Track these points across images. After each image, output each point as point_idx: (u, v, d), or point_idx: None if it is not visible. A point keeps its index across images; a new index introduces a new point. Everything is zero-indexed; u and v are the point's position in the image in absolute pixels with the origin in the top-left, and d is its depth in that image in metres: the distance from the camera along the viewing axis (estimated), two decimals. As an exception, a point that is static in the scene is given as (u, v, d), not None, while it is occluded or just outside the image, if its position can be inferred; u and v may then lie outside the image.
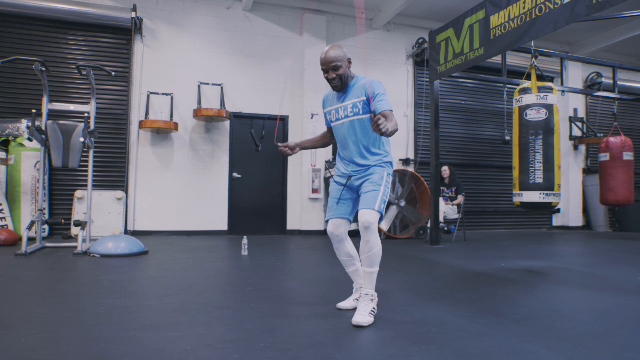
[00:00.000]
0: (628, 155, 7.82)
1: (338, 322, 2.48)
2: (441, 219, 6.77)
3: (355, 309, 2.63)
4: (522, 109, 4.97)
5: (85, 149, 5.55)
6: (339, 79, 2.64)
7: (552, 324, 2.47)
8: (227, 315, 2.62)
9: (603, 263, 5.04)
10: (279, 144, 2.83)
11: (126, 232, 7.10)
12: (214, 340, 2.14)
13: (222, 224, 7.76)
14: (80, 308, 2.69)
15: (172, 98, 7.50)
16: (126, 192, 7.23)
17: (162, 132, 7.42)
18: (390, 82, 8.70)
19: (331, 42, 8.36)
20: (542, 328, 2.37)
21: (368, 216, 2.49)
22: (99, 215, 6.89)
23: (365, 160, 2.66)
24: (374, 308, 2.53)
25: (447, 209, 7.13)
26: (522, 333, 2.28)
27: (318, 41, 8.23)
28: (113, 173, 7.33)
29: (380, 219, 2.57)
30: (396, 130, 2.38)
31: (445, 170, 7.46)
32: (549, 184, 4.79)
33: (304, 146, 2.96)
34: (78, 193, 6.88)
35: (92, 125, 5.47)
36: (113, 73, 5.62)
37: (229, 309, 2.77)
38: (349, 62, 2.68)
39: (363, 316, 2.45)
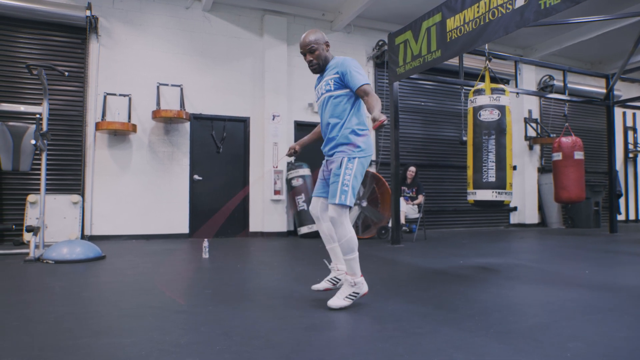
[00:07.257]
0: (579, 155, 8.15)
1: (296, 323, 2.48)
2: (402, 219, 6.87)
3: (327, 290, 2.82)
4: (476, 110, 5.12)
5: (37, 152, 5.35)
6: (316, 61, 2.81)
7: (503, 318, 2.56)
8: (183, 319, 2.58)
9: (554, 259, 5.25)
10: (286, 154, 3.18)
11: (83, 237, 6.87)
12: (169, 344, 2.10)
13: (183, 227, 7.63)
14: (27, 317, 2.59)
15: (130, 99, 7.32)
16: (83, 196, 7.00)
17: (120, 134, 7.23)
18: (351, 83, 8.76)
19: (292, 43, 8.36)
20: (494, 322, 2.44)
21: (331, 212, 2.68)
22: (54, 220, 6.63)
23: (333, 137, 2.80)
24: (353, 293, 2.68)
25: (408, 209, 7.25)
26: (475, 328, 2.34)
27: (278, 42, 8.22)
28: (69, 176, 7.08)
29: (349, 206, 2.68)
30: (380, 105, 2.57)
31: (412, 171, 7.59)
32: (501, 183, 4.95)
33: (304, 144, 3.17)
34: (31, 197, 6.61)
35: (44, 127, 5.28)
36: (66, 73, 5.43)
37: (185, 312, 2.72)
38: (327, 45, 2.85)
39: (337, 299, 2.67)
